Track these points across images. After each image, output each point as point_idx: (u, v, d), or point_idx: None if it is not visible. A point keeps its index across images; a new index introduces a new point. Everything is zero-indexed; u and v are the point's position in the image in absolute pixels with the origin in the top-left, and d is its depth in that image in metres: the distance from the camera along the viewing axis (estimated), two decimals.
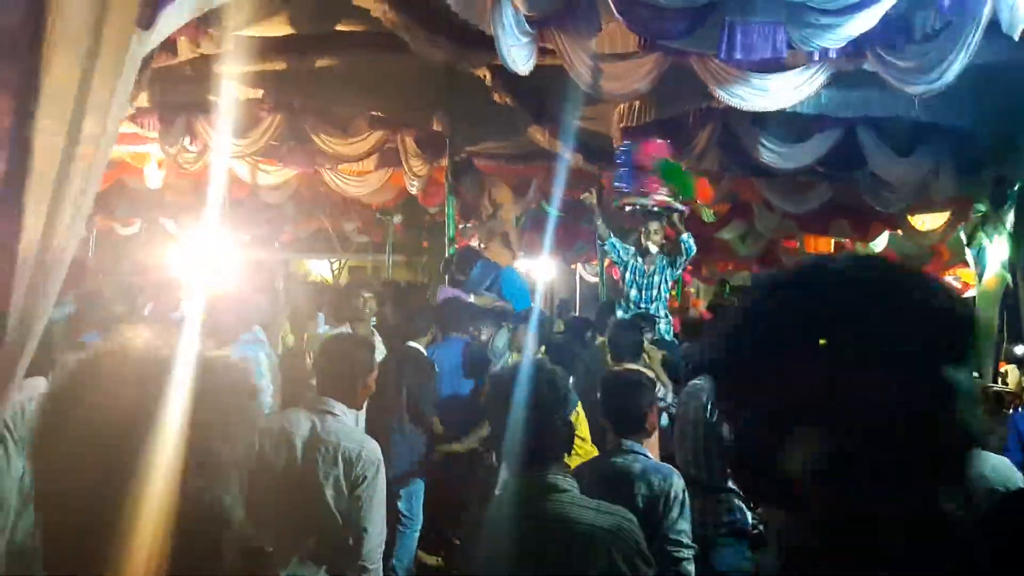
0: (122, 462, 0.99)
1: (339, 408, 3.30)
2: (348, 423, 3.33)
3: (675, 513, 3.20)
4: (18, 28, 2.16)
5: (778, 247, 14.29)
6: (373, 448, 3.23)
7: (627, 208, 7.87)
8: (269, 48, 7.08)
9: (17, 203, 2.10)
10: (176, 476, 1.01)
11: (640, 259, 7.56)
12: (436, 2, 6.16)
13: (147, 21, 2.30)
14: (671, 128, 7.51)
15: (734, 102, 6.07)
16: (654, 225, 7.58)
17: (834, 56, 5.72)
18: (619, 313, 7.47)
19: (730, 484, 4.42)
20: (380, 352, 5.26)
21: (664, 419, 5.30)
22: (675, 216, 7.65)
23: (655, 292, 7.55)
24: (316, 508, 3.12)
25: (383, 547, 3.25)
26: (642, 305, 7.46)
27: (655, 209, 7.58)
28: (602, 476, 3.28)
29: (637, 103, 7.03)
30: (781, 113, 6.41)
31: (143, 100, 8.16)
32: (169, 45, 6.24)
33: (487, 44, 6.76)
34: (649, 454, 3.42)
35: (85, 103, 2.18)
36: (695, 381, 4.73)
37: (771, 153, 7.45)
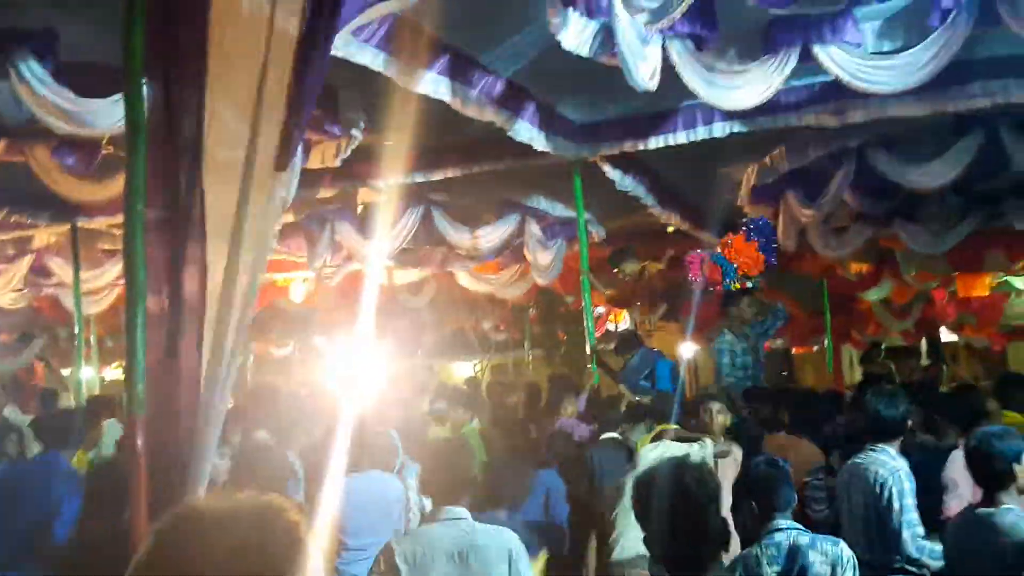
0: None
1: (463, 513, 3.33)
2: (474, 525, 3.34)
3: None
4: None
5: (933, 304, 13.27)
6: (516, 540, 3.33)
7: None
8: (401, 158, 7.32)
9: (197, 330, 2.33)
10: None
11: (735, 337, 7.46)
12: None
13: (284, 163, 2.51)
14: (804, 179, 7.22)
15: (872, 88, 5.38)
16: (746, 300, 7.47)
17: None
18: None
19: (908, 566, 4.04)
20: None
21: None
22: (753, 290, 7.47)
23: (753, 367, 7.46)
24: None
25: None
26: (747, 382, 7.28)
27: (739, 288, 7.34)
28: None
29: (768, 159, 6.79)
30: (911, 130, 5.90)
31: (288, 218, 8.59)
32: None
33: (604, 138, 6.84)
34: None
35: (241, 236, 2.38)
36: (856, 459, 4.27)
37: (915, 174, 6.89)
